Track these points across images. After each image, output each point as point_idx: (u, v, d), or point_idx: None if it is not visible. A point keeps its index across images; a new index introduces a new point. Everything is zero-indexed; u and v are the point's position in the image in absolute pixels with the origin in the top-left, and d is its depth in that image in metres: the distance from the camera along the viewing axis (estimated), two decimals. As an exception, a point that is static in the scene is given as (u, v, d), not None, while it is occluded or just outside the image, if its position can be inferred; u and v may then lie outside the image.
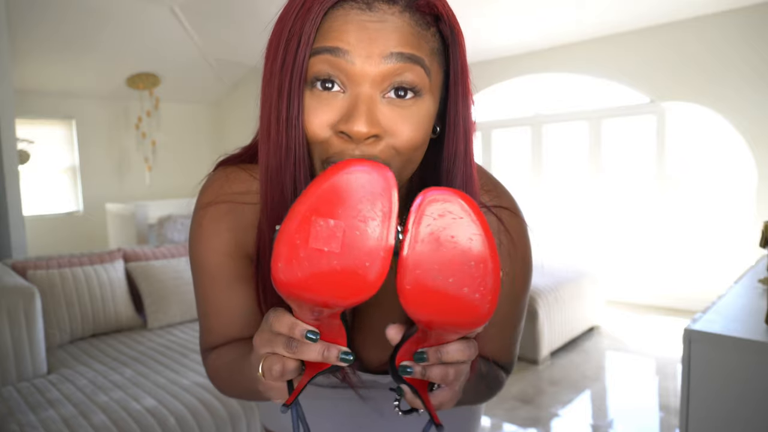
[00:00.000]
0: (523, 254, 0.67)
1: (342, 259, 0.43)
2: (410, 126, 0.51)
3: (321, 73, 0.50)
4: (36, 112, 6.34)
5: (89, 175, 6.77)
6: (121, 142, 7.02)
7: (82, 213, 6.75)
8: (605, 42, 4.43)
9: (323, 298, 0.44)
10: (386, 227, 0.43)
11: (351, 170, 0.43)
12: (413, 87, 0.51)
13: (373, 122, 0.49)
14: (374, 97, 0.50)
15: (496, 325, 0.68)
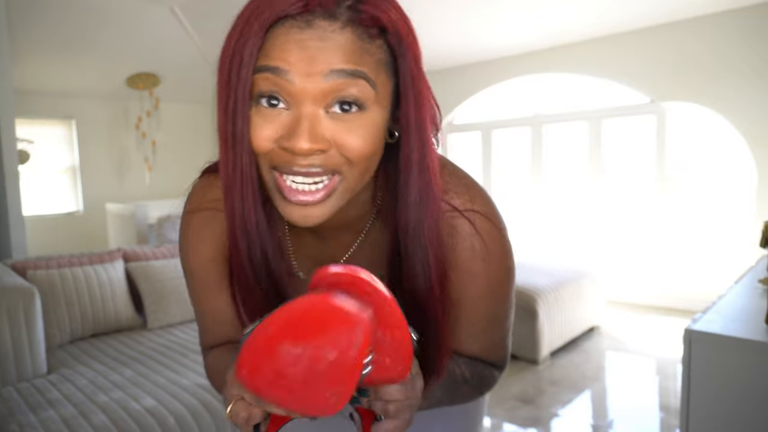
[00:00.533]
0: (498, 256, 0.66)
1: (303, 388, 0.43)
2: (357, 138, 0.52)
3: (265, 91, 0.51)
4: (36, 112, 6.34)
5: (89, 175, 6.77)
6: (121, 142, 7.02)
7: (82, 213, 6.75)
8: (605, 42, 4.43)
9: (282, 408, 0.45)
10: (353, 365, 0.43)
11: (327, 298, 0.44)
12: (356, 101, 0.51)
13: (316, 138, 0.51)
14: (316, 113, 0.51)
15: (478, 325, 0.69)
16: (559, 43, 4.67)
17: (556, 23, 4.25)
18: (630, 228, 4.66)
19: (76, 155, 6.70)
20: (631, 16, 4.03)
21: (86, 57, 5.84)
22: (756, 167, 3.81)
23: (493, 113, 5.53)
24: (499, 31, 4.53)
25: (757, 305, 1.36)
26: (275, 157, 0.53)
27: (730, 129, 3.92)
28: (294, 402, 0.44)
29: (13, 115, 3.65)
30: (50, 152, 6.51)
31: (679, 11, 3.89)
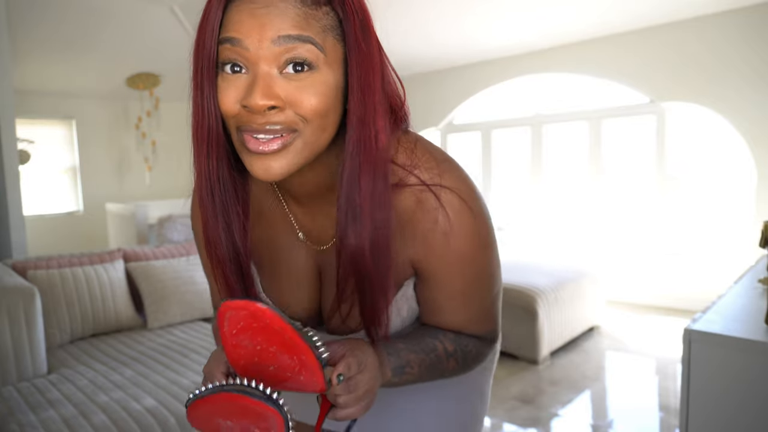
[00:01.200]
0: (465, 231, 0.67)
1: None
2: (309, 95, 0.57)
3: (226, 60, 0.58)
4: (36, 112, 6.34)
5: (89, 175, 6.77)
6: (121, 142, 7.03)
7: (82, 213, 6.75)
8: (605, 42, 4.43)
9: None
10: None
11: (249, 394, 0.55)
12: (306, 62, 0.56)
13: (270, 95, 0.56)
14: (271, 73, 0.56)
15: (456, 299, 0.71)
16: (558, 43, 4.67)
17: (556, 23, 4.25)
18: (630, 228, 4.66)
19: (77, 155, 6.70)
20: (631, 17, 4.04)
21: (86, 57, 5.84)
22: (755, 167, 3.81)
23: (493, 113, 5.53)
24: (498, 31, 4.54)
25: (757, 305, 1.36)
26: (240, 118, 0.58)
27: (729, 129, 3.93)
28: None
29: (13, 115, 3.65)
30: (50, 152, 6.51)
31: (679, 11, 3.89)
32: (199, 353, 2.11)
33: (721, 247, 4.16)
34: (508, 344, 3.19)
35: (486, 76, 5.30)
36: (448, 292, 0.71)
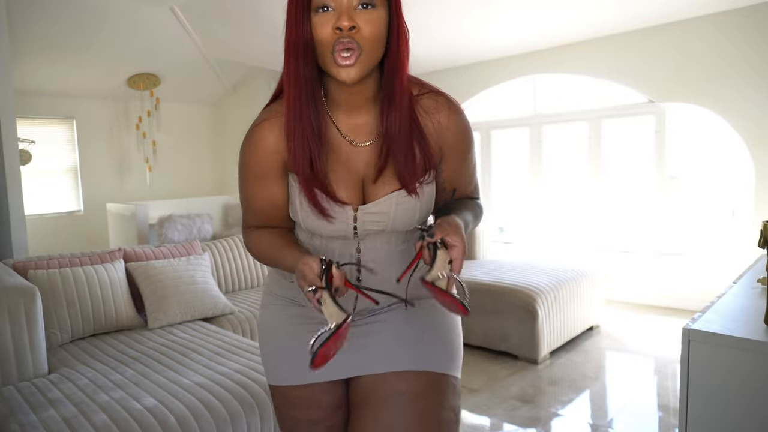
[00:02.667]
0: (462, 116, 1.02)
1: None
2: (370, 24, 0.87)
3: (321, 4, 0.87)
4: (37, 112, 6.34)
5: (90, 175, 6.77)
6: (122, 142, 7.03)
7: (82, 213, 6.76)
8: (605, 42, 4.43)
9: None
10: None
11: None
12: (370, 2, 0.87)
13: (351, 19, 0.86)
14: (350, 8, 0.86)
15: (467, 169, 1.07)
16: (558, 43, 4.68)
17: (556, 23, 4.25)
18: (629, 228, 4.67)
19: (77, 155, 6.70)
20: (630, 17, 4.04)
21: (87, 57, 5.84)
22: (754, 167, 3.81)
23: (493, 113, 5.53)
24: (498, 32, 4.54)
25: (756, 305, 1.36)
26: (331, 41, 0.87)
27: (729, 129, 3.93)
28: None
29: (14, 115, 3.65)
30: (51, 152, 6.51)
31: (679, 11, 3.89)
32: (199, 353, 2.11)
33: (721, 247, 4.16)
34: (508, 344, 3.19)
35: (486, 76, 5.31)
36: (464, 162, 1.05)
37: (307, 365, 0.89)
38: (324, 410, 1.08)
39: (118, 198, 6.84)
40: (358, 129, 0.99)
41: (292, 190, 1.01)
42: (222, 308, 2.76)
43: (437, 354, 1.05)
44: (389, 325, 1.06)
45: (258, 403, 1.72)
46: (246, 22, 4.97)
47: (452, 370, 1.07)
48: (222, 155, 7.93)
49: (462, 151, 1.03)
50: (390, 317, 1.06)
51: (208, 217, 5.92)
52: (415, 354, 1.03)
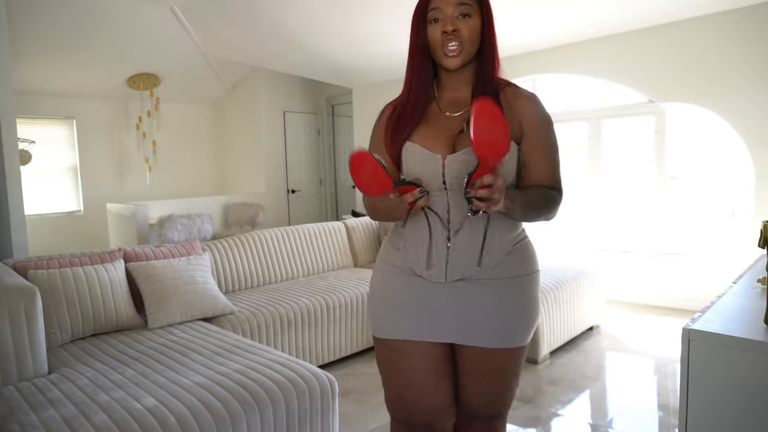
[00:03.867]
0: (541, 107, 1.32)
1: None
2: (467, 28, 1.23)
3: (433, 17, 1.24)
4: (37, 112, 6.35)
5: (90, 175, 6.77)
6: (122, 142, 7.03)
7: (82, 213, 6.76)
8: (605, 42, 4.43)
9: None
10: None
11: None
12: (468, 13, 1.24)
13: (454, 24, 1.22)
14: (453, 17, 1.23)
15: (543, 154, 1.30)
16: (558, 43, 4.68)
17: (557, 23, 4.25)
18: (629, 228, 4.67)
19: (77, 155, 6.70)
20: (630, 17, 4.04)
21: (87, 57, 5.84)
22: (754, 167, 3.81)
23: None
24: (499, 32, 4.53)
25: (756, 305, 1.36)
26: (441, 41, 1.23)
27: (729, 129, 3.93)
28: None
29: (14, 115, 3.65)
30: (51, 152, 6.51)
31: (679, 11, 3.89)
32: (199, 353, 2.12)
33: (721, 247, 4.16)
34: (507, 344, 3.19)
35: (486, 76, 5.30)
36: (539, 147, 1.28)
37: (416, 326, 1.30)
38: (435, 361, 1.31)
39: (118, 198, 6.84)
40: (454, 103, 1.31)
41: (403, 149, 1.30)
42: (222, 308, 2.76)
43: (522, 330, 1.33)
44: (486, 298, 1.28)
45: (258, 403, 1.72)
46: (246, 22, 4.97)
47: (530, 337, 1.38)
48: (222, 155, 7.94)
49: (537, 132, 1.28)
50: (486, 290, 1.28)
51: (208, 217, 5.92)
52: (506, 332, 1.30)
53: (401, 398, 1.34)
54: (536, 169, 1.28)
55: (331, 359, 3.13)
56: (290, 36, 5.06)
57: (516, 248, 1.34)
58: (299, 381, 1.85)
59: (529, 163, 1.27)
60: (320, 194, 7.95)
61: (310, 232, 3.92)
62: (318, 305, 3.06)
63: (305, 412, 1.84)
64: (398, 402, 1.35)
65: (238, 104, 7.55)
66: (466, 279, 1.27)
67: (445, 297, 1.28)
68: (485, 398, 1.35)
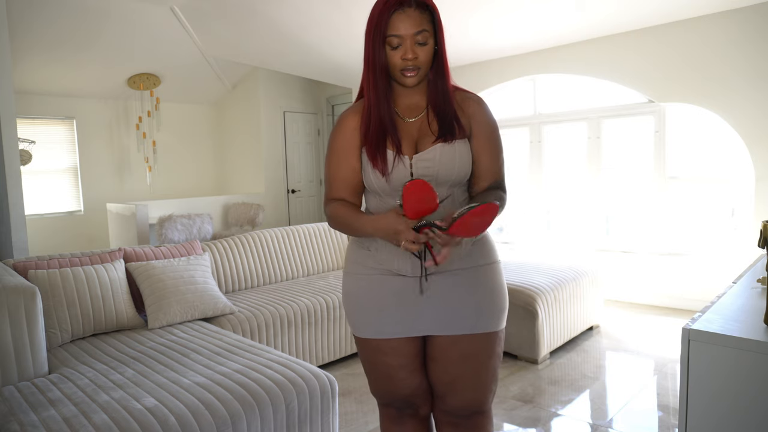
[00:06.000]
0: (488, 112, 1.43)
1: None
2: (425, 54, 1.30)
3: (393, 43, 1.29)
4: (37, 112, 6.35)
5: (90, 175, 6.77)
6: (122, 142, 7.03)
7: (82, 213, 6.76)
8: (605, 42, 4.43)
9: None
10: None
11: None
12: (425, 41, 1.29)
13: (414, 52, 1.28)
14: (413, 44, 1.28)
15: (491, 152, 1.40)
16: (558, 44, 4.68)
17: (556, 23, 4.25)
18: (629, 228, 4.67)
19: (77, 155, 6.70)
20: (630, 17, 4.04)
21: (87, 57, 5.84)
22: (753, 167, 3.81)
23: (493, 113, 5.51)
24: (498, 32, 4.54)
25: (756, 305, 1.36)
26: (401, 65, 1.30)
27: (729, 129, 3.93)
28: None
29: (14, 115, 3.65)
30: (51, 152, 6.51)
31: (679, 11, 3.89)
32: (199, 353, 2.12)
33: (721, 247, 4.16)
34: (508, 344, 3.19)
35: (485, 77, 5.31)
36: (487, 147, 1.39)
37: (391, 324, 1.39)
38: (408, 357, 1.43)
39: (118, 198, 6.84)
40: (411, 108, 1.41)
41: (364, 159, 1.37)
42: (222, 308, 2.76)
43: (492, 315, 1.40)
44: (460, 286, 1.38)
45: (258, 403, 1.72)
46: (246, 22, 4.97)
47: (502, 324, 1.44)
48: (222, 155, 7.94)
49: (485, 132, 1.40)
50: (455, 281, 1.37)
51: (208, 217, 5.92)
52: (478, 318, 1.38)
53: (381, 388, 1.50)
54: (484, 167, 1.39)
55: (331, 359, 3.13)
56: (290, 36, 5.06)
57: (480, 238, 1.42)
58: (299, 381, 1.85)
59: (479, 161, 1.39)
60: (320, 194, 7.95)
61: (310, 232, 3.92)
62: (318, 305, 3.06)
63: (305, 412, 1.84)
64: (379, 390, 1.52)
65: (238, 104, 7.55)
66: (440, 271, 1.37)
67: (418, 292, 1.38)
68: (459, 390, 1.42)
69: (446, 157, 1.33)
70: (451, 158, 1.34)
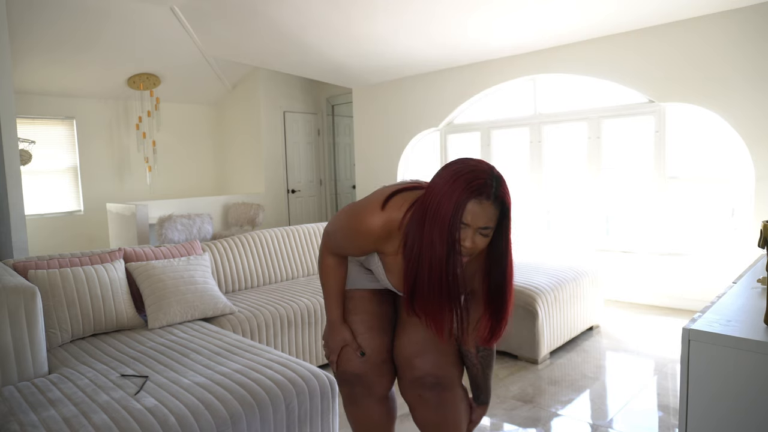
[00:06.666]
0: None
1: None
2: (483, 242, 1.28)
3: (464, 224, 1.24)
4: (37, 112, 6.35)
5: (90, 175, 6.78)
6: (122, 142, 7.03)
7: (82, 213, 6.76)
8: (605, 42, 4.43)
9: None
10: None
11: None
12: (488, 234, 1.27)
13: (473, 242, 1.26)
14: (474, 233, 1.26)
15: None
16: (558, 44, 4.68)
17: (556, 23, 4.25)
18: (629, 228, 4.67)
19: (77, 155, 6.70)
20: (630, 17, 4.04)
21: (87, 57, 5.84)
22: (754, 167, 3.81)
23: (493, 113, 5.53)
24: (498, 32, 4.54)
25: (756, 305, 1.36)
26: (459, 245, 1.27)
27: (729, 129, 3.93)
28: None
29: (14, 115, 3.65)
30: (51, 152, 6.51)
31: (679, 11, 3.89)
32: (199, 353, 2.12)
33: (721, 247, 4.16)
34: (508, 344, 3.19)
35: (486, 76, 5.31)
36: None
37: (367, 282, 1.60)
38: (376, 315, 1.63)
39: (118, 198, 6.84)
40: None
41: (376, 258, 1.47)
42: (222, 308, 2.76)
43: None
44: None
45: (258, 403, 1.72)
46: (246, 22, 4.97)
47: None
48: (222, 155, 7.94)
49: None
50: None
51: (208, 217, 5.92)
52: None
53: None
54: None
55: (331, 359, 3.12)
56: (290, 36, 5.06)
57: None
58: (299, 381, 1.85)
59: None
60: (320, 194, 7.95)
61: (310, 232, 3.92)
62: (318, 305, 3.06)
63: (305, 412, 1.84)
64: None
65: (238, 104, 7.55)
66: None
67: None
68: (426, 353, 1.53)
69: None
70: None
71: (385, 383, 1.59)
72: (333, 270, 1.53)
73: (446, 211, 1.22)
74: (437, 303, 1.33)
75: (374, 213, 1.36)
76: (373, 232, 1.36)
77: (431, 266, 1.28)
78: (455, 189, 1.21)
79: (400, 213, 1.34)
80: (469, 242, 1.24)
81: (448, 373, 1.53)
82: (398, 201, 1.36)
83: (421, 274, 1.31)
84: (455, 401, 1.55)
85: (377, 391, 1.59)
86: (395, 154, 6.22)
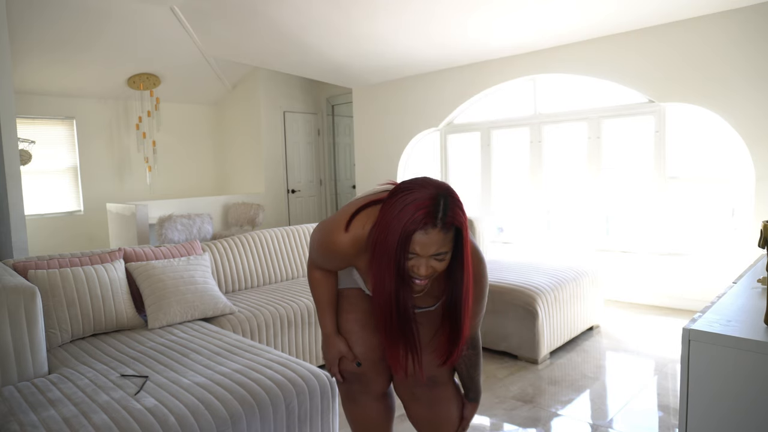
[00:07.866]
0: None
1: None
2: (440, 265, 1.23)
3: (412, 255, 1.21)
4: (37, 112, 6.35)
5: (90, 175, 6.77)
6: (122, 142, 7.03)
7: (82, 213, 6.76)
8: (605, 42, 4.43)
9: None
10: None
11: None
12: (443, 259, 1.23)
13: (428, 268, 1.23)
14: (428, 260, 1.22)
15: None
16: (558, 44, 4.68)
17: (556, 23, 4.25)
18: (629, 228, 4.67)
19: (77, 155, 6.70)
20: (630, 17, 4.04)
21: (87, 57, 5.84)
22: (754, 167, 3.81)
23: (493, 113, 5.53)
24: (498, 32, 4.54)
25: (756, 305, 1.36)
26: (410, 273, 1.24)
27: (729, 129, 3.93)
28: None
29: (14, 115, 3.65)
30: (51, 152, 6.51)
31: (679, 11, 3.89)
32: (199, 353, 2.12)
33: (721, 247, 4.16)
34: (508, 344, 3.19)
35: (486, 76, 5.31)
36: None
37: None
38: (366, 314, 1.58)
39: (118, 198, 6.84)
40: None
41: (357, 270, 1.47)
42: (222, 308, 2.76)
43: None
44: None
45: (258, 403, 1.72)
46: (246, 22, 4.97)
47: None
48: (222, 155, 7.94)
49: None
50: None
51: (208, 217, 5.92)
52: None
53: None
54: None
55: (331, 359, 3.12)
56: (290, 36, 5.06)
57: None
58: (299, 381, 1.85)
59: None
60: (320, 194, 7.95)
61: (310, 232, 3.92)
62: (318, 305, 3.05)
63: (305, 412, 1.84)
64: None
65: (238, 104, 7.55)
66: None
67: None
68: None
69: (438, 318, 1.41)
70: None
71: (382, 381, 1.61)
72: (321, 282, 1.53)
73: (391, 245, 1.19)
74: (390, 339, 1.32)
75: (339, 233, 1.35)
76: (341, 251, 1.36)
77: (382, 302, 1.27)
78: (400, 221, 1.17)
79: (364, 231, 1.32)
80: (424, 269, 1.21)
81: (440, 370, 1.53)
82: (362, 219, 1.33)
83: (375, 309, 1.31)
84: (448, 398, 1.57)
85: (375, 389, 1.60)
86: (395, 154, 6.22)
